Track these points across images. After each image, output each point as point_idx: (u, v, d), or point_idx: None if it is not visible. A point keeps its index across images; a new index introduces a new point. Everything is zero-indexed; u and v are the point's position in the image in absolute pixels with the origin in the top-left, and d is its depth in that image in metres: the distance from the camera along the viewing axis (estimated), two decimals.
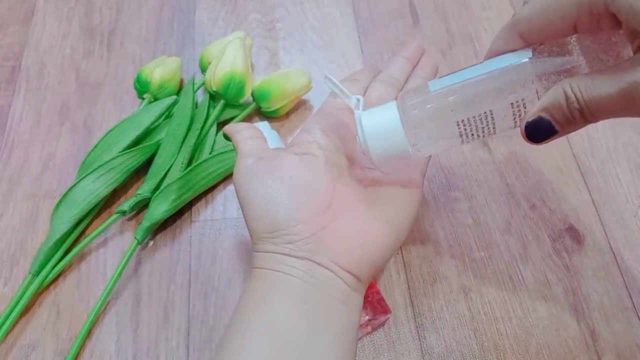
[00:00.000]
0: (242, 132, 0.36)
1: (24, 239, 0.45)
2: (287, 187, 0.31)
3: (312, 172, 0.32)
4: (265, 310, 0.29)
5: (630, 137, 0.49)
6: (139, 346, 0.40)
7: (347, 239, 0.30)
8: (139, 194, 0.44)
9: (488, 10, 0.58)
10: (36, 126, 0.51)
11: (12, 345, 0.40)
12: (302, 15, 0.58)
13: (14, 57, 0.55)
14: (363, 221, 0.31)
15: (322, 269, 0.29)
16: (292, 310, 0.28)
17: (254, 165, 0.32)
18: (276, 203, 0.30)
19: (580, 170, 0.48)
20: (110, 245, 0.45)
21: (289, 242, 0.29)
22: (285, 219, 0.30)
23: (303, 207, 0.30)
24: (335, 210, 0.31)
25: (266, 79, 0.49)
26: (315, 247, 0.29)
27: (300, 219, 0.30)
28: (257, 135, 0.36)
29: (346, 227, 0.31)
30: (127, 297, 0.42)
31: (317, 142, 0.33)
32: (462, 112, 0.29)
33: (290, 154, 0.33)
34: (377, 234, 0.31)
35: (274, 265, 0.29)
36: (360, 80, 0.36)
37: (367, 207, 0.32)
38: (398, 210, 0.32)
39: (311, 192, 0.31)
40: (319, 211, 0.30)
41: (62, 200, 0.43)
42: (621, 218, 0.45)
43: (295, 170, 0.32)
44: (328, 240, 0.30)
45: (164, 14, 0.58)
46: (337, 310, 0.29)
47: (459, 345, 0.40)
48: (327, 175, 0.32)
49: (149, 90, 0.49)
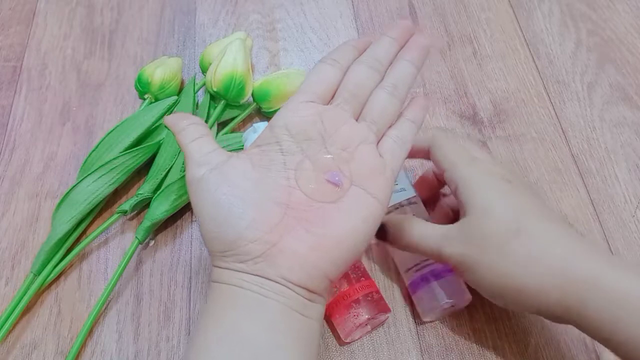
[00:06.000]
0: (186, 131, 0.32)
1: (25, 239, 0.45)
2: (237, 203, 0.29)
3: (264, 185, 0.30)
4: (222, 324, 0.28)
5: (629, 137, 0.50)
6: (140, 345, 0.41)
7: (297, 256, 0.29)
8: (140, 193, 0.44)
9: (487, 11, 0.58)
10: (37, 126, 0.51)
11: (14, 344, 0.40)
12: (302, 16, 0.58)
13: (15, 57, 0.55)
14: (316, 236, 0.29)
15: (275, 283, 0.28)
16: (248, 320, 0.28)
17: (205, 179, 0.30)
18: (226, 223, 0.29)
19: (579, 171, 0.48)
20: (112, 245, 0.45)
21: (240, 261, 0.29)
22: (235, 239, 0.29)
23: (253, 225, 0.29)
24: (287, 225, 0.29)
25: (266, 80, 0.50)
26: (266, 265, 0.28)
27: (250, 238, 0.28)
28: (203, 133, 0.32)
29: (297, 243, 0.29)
30: (128, 297, 0.42)
31: (278, 144, 0.31)
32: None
33: (244, 160, 0.31)
34: (330, 249, 0.29)
35: (229, 279, 0.29)
36: (340, 61, 0.34)
37: (322, 220, 0.30)
38: (356, 223, 0.30)
39: (262, 208, 0.29)
40: (269, 228, 0.29)
41: (64, 200, 0.43)
42: (620, 218, 0.46)
43: (246, 184, 0.30)
44: (278, 258, 0.28)
45: (164, 14, 0.58)
46: (295, 319, 0.29)
47: (458, 344, 0.40)
48: (281, 186, 0.30)
49: (150, 90, 0.49)
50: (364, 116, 0.33)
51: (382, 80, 0.34)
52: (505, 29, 0.57)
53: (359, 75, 0.34)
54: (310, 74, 0.34)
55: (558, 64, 0.54)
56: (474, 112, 0.51)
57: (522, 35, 0.56)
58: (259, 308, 0.28)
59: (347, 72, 0.34)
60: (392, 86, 0.34)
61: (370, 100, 0.33)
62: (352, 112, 0.33)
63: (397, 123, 0.34)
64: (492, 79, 0.53)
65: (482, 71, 0.54)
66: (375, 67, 0.34)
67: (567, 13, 0.58)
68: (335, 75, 0.33)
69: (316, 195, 0.30)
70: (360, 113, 0.33)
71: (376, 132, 0.33)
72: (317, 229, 0.29)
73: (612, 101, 0.52)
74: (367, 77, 0.34)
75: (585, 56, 0.54)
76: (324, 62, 0.34)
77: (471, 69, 0.54)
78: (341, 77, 0.34)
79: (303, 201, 0.30)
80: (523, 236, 0.33)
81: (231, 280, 0.29)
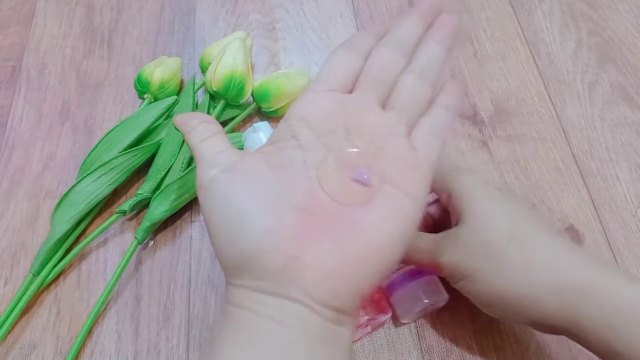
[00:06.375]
0: (196, 130, 0.29)
1: (24, 239, 0.45)
2: (252, 209, 0.25)
3: (283, 187, 0.26)
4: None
5: (630, 137, 0.49)
6: (139, 346, 0.40)
7: (323, 270, 0.25)
8: (140, 194, 0.44)
9: (487, 10, 0.58)
10: (37, 126, 0.51)
11: (13, 344, 0.40)
12: (302, 16, 0.58)
13: (14, 57, 0.55)
14: (345, 246, 0.25)
15: (298, 305, 0.24)
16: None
17: (216, 181, 0.27)
18: (240, 232, 0.25)
19: (579, 170, 0.48)
20: (111, 245, 0.45)
21: (257, 277, 0.25)
22: (251, 251, 0.25)
23: (271, 234, 0.25)
24: (310, 234, 0.25)
25: (266, 79, 0.49)
26: (288, 282, 0.24)
27: (268, 250, 0.24)
28: (215, 132, 0.29)
29: (322, 255, 0.25)
30: (127, 297, 0.42)
31: (295, 138, 0.27)
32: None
33: (259, 160, 0.27)
34: (362, 261, 0.25)
35: (245, 302, 0.25)
36: (359, 47, 0.30)
37: (351, 227, 0.25)
38: (391, 228, 0.26)
39: (281, 215, 0.25)
40: (289, 238, 0.25)
41: (63, 200, 0.43)
42: (620, 218, 0.45)
43: (262, 186, 0.26)
44: (300, 274, 0.24)
45: (164, 14, 0.58)
46: (320, 353, 0.25)
47: (458, 345, 0.40)
48: (302, 187, 0.26)
49: (150, 90, 0.49)
50: (391, 104, 0.29)
51: (408, 65, 0.30)
52: (505, 29, 0.57)
53: (382, 58, 0.30)
54: (326, 63, 0.30)
55: (559, 63, 0.54)
56: (474, 112, 0.51)
57: (522, 34, 0.56)
58: (278, 346, 0.24)
59: (368, 57, 0.30)
60: (421, 69, 0.30)
61: (397, 85, 0.30)
62: (377, 99, 0.29)
63: (429, 111, 0.30)
64: (493, 78, 0.53)
65: (483, 71, 0.54)
66: (401, 49, 0.30)
67: (567, 13, 0.57)
68: (355, 60, 0.30)
69: (342, 197, 0.26)
70: (387, 101, 0.30)
71: (406, 121, 0.29)
72: (346, 237, 0.25)
73: (612, 101, 0.52)
74: (393, 60, 0.30)
75: (586, 56, 0.54)
76: (341, 48, 0.30)
77: (472, 68, 0.54)
78: (362, 63, 0.30)
79: (328, 205, 0.26)
80: (520, 243, 0.32)
81: (247, 304, 0.25)
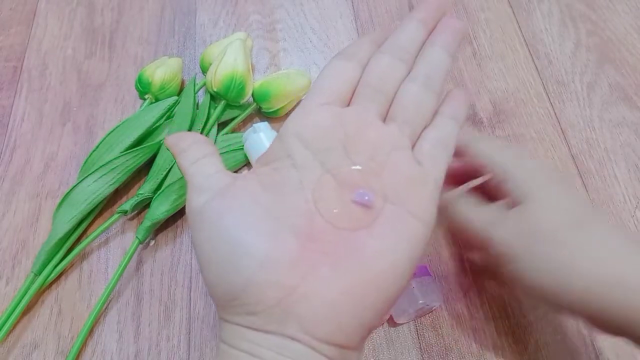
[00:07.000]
0: (187, 152, 0.27)
1: (26, 239, 0.45)
2: (244, 237, 0.23)
3: (278, 211, 0.24)
4: None
5: (628, 137, 0.50)
6: (141, 345, 0.41)
7: (324, 303, 0.22)
8: (141, 193, 0.44)
9: (487, 12, 0.58)
10: (38, 126, 0.51)
11: (14, 344, 0.41)
12: (302, 17, 0.58)
13: (15, 57, 0.55)
14: (347, 274, 0.23)
15: (297, 343, 0.22)
16: None
17: (206, 208, 0.25)
18: (231, 263, 0.23)
19: (578, 171, 0.48)
20: (112, 245, 0.45)
21: (250, 313, 0.23)
22: (243, 284, 0.23)
23: (266, 264, 0.23)
24: (309, 261, 0.23)
25: (267, 80, 0.50)
26: (284, 317, 0.22)
27: (263, 282, 0.22)
28: (207, 153, 0.27)
29: (323, 285, 0.23)
30: (128, 296, 0.43)
31: (290, 158, 0.25)
32: None
33: (253, 182, 0.25)
34: (366, 291, 0.23)
35: (238, 342, 0.23)
36: (357, 55, 0.28)
37: (353, 252, 0.23)
38: (396, 253, 0.24)
39: (276, 241, 0.23)
40: (286, 267, 0.23)
41: (64, 200, 0.43)
42: (619, 218, 0.46)
43: (256, 210, 0.24)
44: (299, 307, 0.22)
45: (165, 15, 0.58)
46: None
47: (457, 343, 0.40)
48: (300, 210, 0.24)
49: (150, 91, 0.49)
50: (393, 116, 0.27)
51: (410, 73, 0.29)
52: (504, 29, 0.57)
53: (382, 67, 0.28)
54: (322, 73, 0.28)
55: (557, 64, 0.54)
56: (473, 112, 0.51)
57: (521, 35, 0.56)
58: None
59: (366, 66, 0.28)
60: (425, 77, 0.28)
61: (398, 96, 0.28)
62: (378, 112, 0.27)
63: (434, 122, 0.28)
64: (492, 79, 0.53)
65: (482, 71, 0.54)
66: (401, 57, 0.28)
67: (566, 13, 0.58)
68: (352, 70, 0.28)
69: (342, 220, 0.24)
70: (388, 113, 0.28)
71: (410, 134, 0.27)
72: (348, 264, 0.23)
73: (611, 101, 0.52)
74: (393, 69, 0.28)
75: (585, 56, 0.55)
76: (337, 58, 0.28)
77: (471, 69, 0.54)
78: (360, 72, 0.28)
79: (328, 229, 0.24)
80: (583, 229, 0.30)
81: (240, 344, 0.23)
